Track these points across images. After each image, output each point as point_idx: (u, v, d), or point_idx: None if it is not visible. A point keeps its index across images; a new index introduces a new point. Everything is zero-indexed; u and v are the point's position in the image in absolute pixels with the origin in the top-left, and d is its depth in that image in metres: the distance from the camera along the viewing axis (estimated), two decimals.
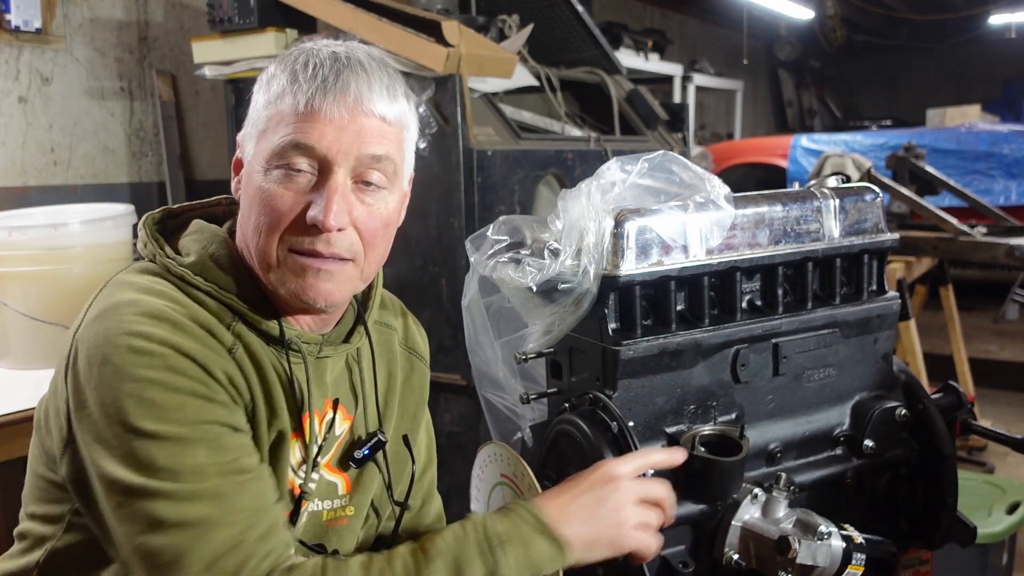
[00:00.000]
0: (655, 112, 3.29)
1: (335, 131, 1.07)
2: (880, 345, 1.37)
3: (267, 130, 1.10)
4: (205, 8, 2.85)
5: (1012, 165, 6.28)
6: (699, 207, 1.21)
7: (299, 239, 1.09)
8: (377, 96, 1.10)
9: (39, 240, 2.29)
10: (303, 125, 1.07)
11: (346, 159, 1.08)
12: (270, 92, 1.11)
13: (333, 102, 1.07)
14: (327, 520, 1.24)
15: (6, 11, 2.94)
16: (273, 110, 1.10)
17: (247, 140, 1.14)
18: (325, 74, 1.08)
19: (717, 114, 9.55)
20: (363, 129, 1.09)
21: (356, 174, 1.10)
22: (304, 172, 1.08)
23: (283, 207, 1.08)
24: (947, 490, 1.34)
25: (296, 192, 1.09)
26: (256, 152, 1.11)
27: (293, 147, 1.07)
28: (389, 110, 1.12)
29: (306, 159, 1.08)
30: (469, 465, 1.33)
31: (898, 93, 11.65)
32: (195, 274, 1.11)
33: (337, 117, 1.08)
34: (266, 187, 1.09)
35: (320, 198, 1.08)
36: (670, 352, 1.20)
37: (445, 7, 2.99)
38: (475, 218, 2.52)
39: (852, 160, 4.49)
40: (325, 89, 1.07)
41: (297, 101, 1.07)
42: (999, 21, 9.15)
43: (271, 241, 1.09)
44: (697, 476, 1.17)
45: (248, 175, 1.13)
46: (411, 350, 1.39)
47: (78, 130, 3.23)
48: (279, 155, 1.08)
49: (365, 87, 1.09)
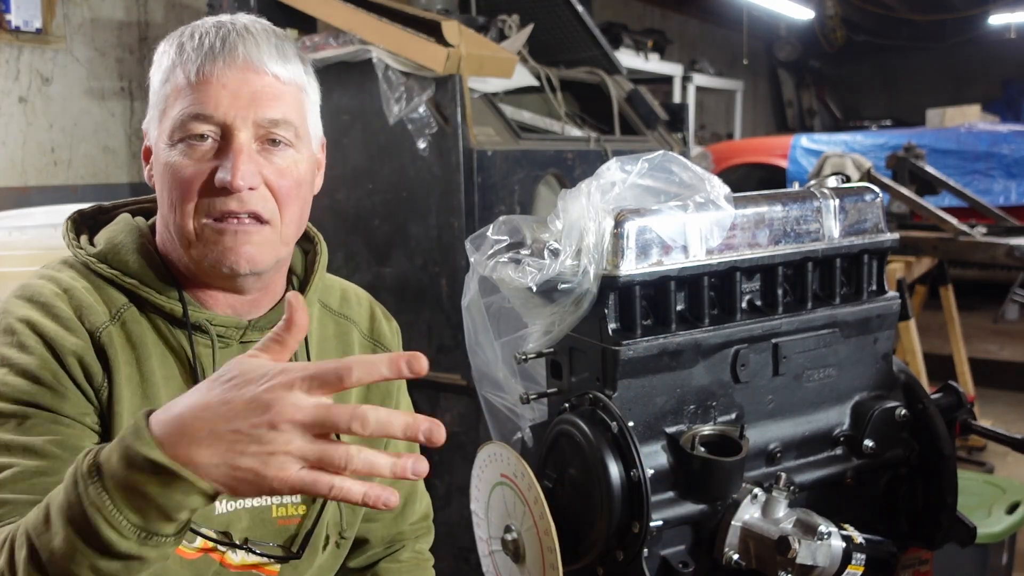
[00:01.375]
0: (655, 112, 3.29)
1: (230, 95, 1.08)
2: (880, 345, 1.37)
3: (166, 108, 1.11)
4: (205, 8, 2.85)
5: (1012, 165, 6.29)
6: (699, 207, 1.21)
7: (212, 204, 1.10)
8: (267, 56, 1.11)
9: (39, 240, 2.29)
10: (198, 95, 1.08)
11: (245, 121, 1.09)
12: (162, 70, 1.12)
13: (224, 66, 1.08)
14: (278, 517, 1.23)
15: (6, 11, 2.94)
16: (168, 87, 1.11)
17: (151, 124, 1.15)
18: (212, 41, 1.09)
19: (717, 114, 9.55)
20: (257, 90, 1.10)
21: (259, 135, 1.11)
22: (207, 138, 1.09)
23: (190, 175, 1.09)
24: (947, 490, 1.34)
25: (200, 159, 1.10)
26: (159, 132, 1.12)
27: (192, 117, 1.08)
28: (282, 69, 1.13)
29: (206, 126, 1.09)
30: (469, 465, 1.33)
31: (898, 93, 11.65)
32: (99, 261, 1.15)
33: (230, 80, 1.09)
34: (171, 160, 1.10)
35: (227, 160, 1.09)
36: (670, 352, 1.20)
37: (445, 7, 2.99)
38: (475, 218, 2.52)
39: (852, 160, 4.50)
40: (214, 55, 1.08)
41: (188, 71, 1.08)
42: (999, 21, 9.16)
43: (186, 213, 1.10)
44: (697, 476, 1.17)
45: (156, 157, 1.14)
46: (376, 342, 1.37)
47: (78, 130, 3.23)
48: (180, 127, 1.09)
49: (253, 48, 1.10)
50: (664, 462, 1.20)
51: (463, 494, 1.38)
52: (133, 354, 1.12)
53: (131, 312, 1.14)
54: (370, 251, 2.71)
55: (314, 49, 2.58)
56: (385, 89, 2.48)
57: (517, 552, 1.22)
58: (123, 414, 1.10)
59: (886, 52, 11.17)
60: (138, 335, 1.13)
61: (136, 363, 1.12)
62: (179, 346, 1.16)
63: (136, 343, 1.13)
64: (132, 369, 1.12)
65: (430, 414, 1.44)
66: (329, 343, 1.31)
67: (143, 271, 1.15)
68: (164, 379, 1.14)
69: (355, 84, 2.51)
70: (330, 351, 1.30)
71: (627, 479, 1.15)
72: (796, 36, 10.31)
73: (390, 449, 1.40)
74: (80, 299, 1.11)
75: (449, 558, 2.57)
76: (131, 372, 1.11)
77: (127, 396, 1.10)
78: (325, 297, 1.33)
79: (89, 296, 1.12)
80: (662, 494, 1.18)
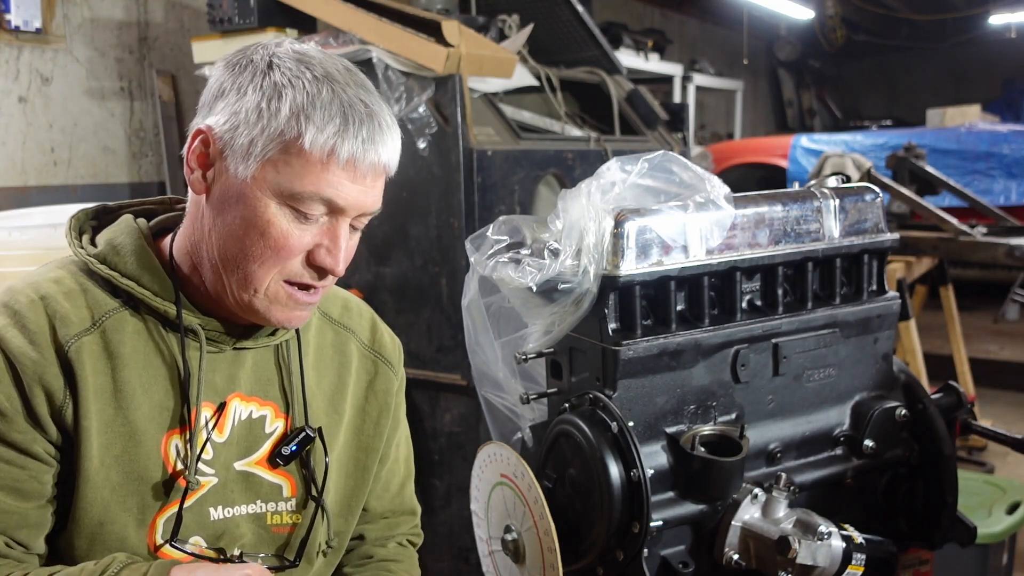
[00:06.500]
0: (655, 112, 3.30)
1: (360, 191, 1.10)
2: (880, 345, 1.37)
3: (283, 163, 1.06)
4: (205, 8, 2.85)
5: (1012, 165, 6.29)
6: (699, 207, 1.21)
7: (299, 274, 1.12)
8: (394, 161, 1.13)
9: (39, 240, 2.29)
10: (335, 179, 1.07)
11: (357, 212, 1.12)
12: (284, 112, 1.05)
13: (368, 167, 1.09)
14: (273, 525, 1.23)
15: (6, 11, 2.94)
16: (297, 143, 1.05)
17: (237, 152, 1.08)
18: (366, 135, 1.07)
19: (717, 114, 9.56)
20: (378, 188, 1.13)
21: (355, 220, 1.14)
22: (318, 216, 1.10)
23: (295, 247, 1.10)
24: (947, 490, 1.34)
25: (308, 233, 1.10)
26: (261, 177, 1.07)
27: (323, 202, 1.08)
28: (395, 168, 1.15)
29: (326, 208, 1.10)
30: (469, 465, 1.33)
31: (898, 93, 11.65)
32: (99, 261, 1.15)
33: (369, 179, 1.10)
34: (277, 222, 1.08)
35: (330, 242, 1.11)
36: (670, 352, 1.20)
37: (445, 7, 2.99)
38: (475, 218, 2.52)
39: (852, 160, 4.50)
40: (364, 149, 1.07)
41: (338, 153, 1.06)
42: (999, 21, 9.16)
43: (268, 271, 1.11)
44: (697, 476, 1.17)
45: (241, 194, 1.08)
46: (376, 353, 1.37)
47: (78, 130, 3.23)
48: (301, 201, 1.07)
49: (392, 151, 1.12)
50: (664, 462, 1.20)
51: (463, 494, 1.38)
52: (109, 364, 1.12)
53: (119, 317, 1.14)
54: (370, 251, 2.72)
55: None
56: (385, 89, 2.48)
57: (517, 552, 1.21)
58: (91, 428, 1.10)
59: (886, 52, 11.17)
60: (117, 343, 1.13)
61: (111, 372, 1.12)
62: (167, 351, 1.16)
63: (114, 352, 1.12)
64: (105, 379, 1.12)
65: (430, 414, 1.44)
66: (327, 351, 1.31)
67: (140, 273, 1.15)
68: (144, 387, 1.14)
69: None
70: (327, 359, 1.30)
71: (627, 479, 1.15)
72: (796, 36, 10.31)
73: (389, 463, 1.40)
74: (56, 308, 1.11)
75: (449, 558, 2.57)
76: (104, 382, 1.11)
77: (95, 409, 1.10)
78: (326, 306, 1.34)
79: (67, 303, 1.11)
80: (662, 494, 1.18)
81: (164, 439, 1.15)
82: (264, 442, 1.22)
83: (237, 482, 1.20)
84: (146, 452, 1.13)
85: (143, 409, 1.13)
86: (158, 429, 1.14)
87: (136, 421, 1.12)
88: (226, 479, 1.19)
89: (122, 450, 1.12)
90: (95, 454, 1.10)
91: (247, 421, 1.21)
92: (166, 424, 1.15)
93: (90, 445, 1.10)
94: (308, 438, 1.23)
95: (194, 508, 1.16)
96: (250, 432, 1.21)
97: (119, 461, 1.12)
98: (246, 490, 1.20)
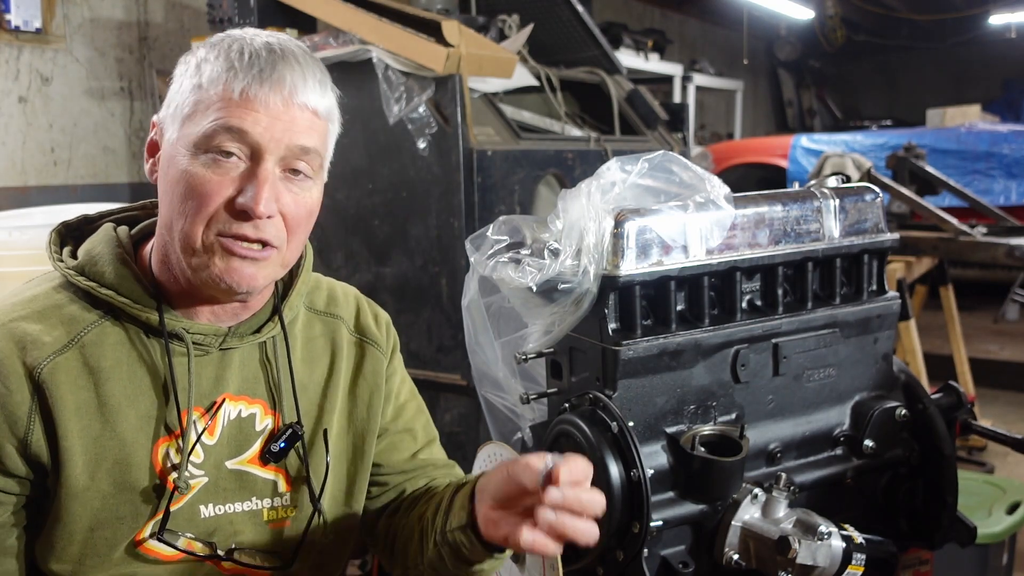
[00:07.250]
0: (655, 112, 3.30)
1: (268, 119, 1.09)
2: (880, 345, 1.37)
3: (195, 113, 1.10)
4: (205, 8, 2.85)
5: (1012, 165, 6.28)
6: (699, 207, 1.21)
7: (227, 224, 1.10)
8: (311, 89, 1.12)
9: (39, 240, 2.28)
10: (237, 111, 1.08)
11: (276, 148, 1.10)
12: (201, 76, 1.11)
13: (269, 91, 1.09)
14: (269, 521, 1.23)
15: (6, 11, 2.94)
16: (202, 94, 1.10)
17: (168, 122, 1.14)
18: (262, 64, 1.09)
19: (717, 114, 9.56)
20: (295, 120, 1.11)
21: (284, 163, 1.12)
22: (234, 157, 1.09)
23: (212, 191, 1.09)
24: (947, 490, 1.34)
25: (225, 177, 1.09)
26: (181, 135, 1.11)
27: (225, 130, 1.08)
28: (320, 103, 1.14)
29: (237, 144, 1.09)
30: (469, 465, 1.33)
31: (898, 93, 11.65)
32: (77, 274, 1.15)
33: (272, 106, 1.09)
34: (193, 171, 1.09)
35: (251, 185, 1.09)
36: (670, 352, 1.20)
37: (445, 7, 2.99)
38: (475, 218, 2.52)
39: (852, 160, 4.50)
40: (261, 79, 1.08)
41: (231, 88, 1.08)
42: (999, 21, 9.16)
43: (197, 225, 1.10)
44: (697, 476, 1.17)
45: (170, 158, 1.12)
46: (361, 335, 1.35)
47: (78, 130, 3.23)
48: (209, 137, 1.08)
49: (300, 79, 1.11)
50: (664, 462, 1.20)
51: None
52: (91, 379, 1.11)
53: (99, 330, 1.13)
54: (370, 251, 2.72)
55: (314, 49, 2.58)
56: (385, 89, 2.48)
57: (517, 552, 1.21)
58: (74, 446, 1.09)
59: (886, 52, 11.17)
60: (98, 357, 1.12)
61: (94, 387, 1.11)
62: (151, 359, 1.15)
63: (95, 367, 1.12)
64: (88, 394, 1.11)
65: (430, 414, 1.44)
66: (317, 343, 1.30)
67: (119, 281, 1.14)
68: (130, 398, 1.13)
69: (355, 84, 2.51)
70: (318, 350, 1.30)
71: (627, 479, 1.15)
72: (796, 36, 10.31)
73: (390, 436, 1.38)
74: (24, 331, 1.10)
75: None
76: (86, 398, 1.11)
77: (78, 428, 1.10)
78: (312, 300, 1.33)
79: (38, 325, 1.11)
80: (662, 494, 1.19)
81: (154, 447, 1.15)
82: (255, 440, 1.22)
83: (230, 480, 1.20)
84: (137, 462, 1.13)
85: (130, 420, 1.13)
86: (147, 438, 1.14)
87: (124, 433, 1.12)
88: (217, 477, 1.19)
89: (112, 462, 1.12)
90: (80, 471, 1.10)
91: (237, 420, 1.21)
92: (155, 432, 1.15)
93: (74, 463, 1.09)
94: (296, 436, 1.23)
95: (184, 507, 1.16)
96: (241, 431, 1.21)
97: (110, 473, 1.11)
98: (240, 488, 1.20)
